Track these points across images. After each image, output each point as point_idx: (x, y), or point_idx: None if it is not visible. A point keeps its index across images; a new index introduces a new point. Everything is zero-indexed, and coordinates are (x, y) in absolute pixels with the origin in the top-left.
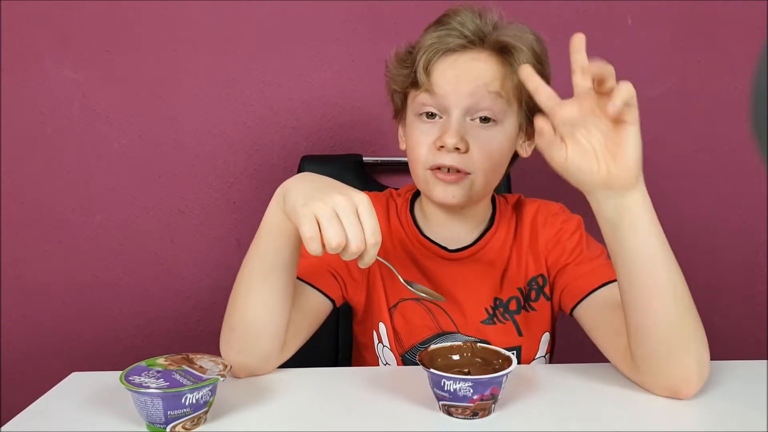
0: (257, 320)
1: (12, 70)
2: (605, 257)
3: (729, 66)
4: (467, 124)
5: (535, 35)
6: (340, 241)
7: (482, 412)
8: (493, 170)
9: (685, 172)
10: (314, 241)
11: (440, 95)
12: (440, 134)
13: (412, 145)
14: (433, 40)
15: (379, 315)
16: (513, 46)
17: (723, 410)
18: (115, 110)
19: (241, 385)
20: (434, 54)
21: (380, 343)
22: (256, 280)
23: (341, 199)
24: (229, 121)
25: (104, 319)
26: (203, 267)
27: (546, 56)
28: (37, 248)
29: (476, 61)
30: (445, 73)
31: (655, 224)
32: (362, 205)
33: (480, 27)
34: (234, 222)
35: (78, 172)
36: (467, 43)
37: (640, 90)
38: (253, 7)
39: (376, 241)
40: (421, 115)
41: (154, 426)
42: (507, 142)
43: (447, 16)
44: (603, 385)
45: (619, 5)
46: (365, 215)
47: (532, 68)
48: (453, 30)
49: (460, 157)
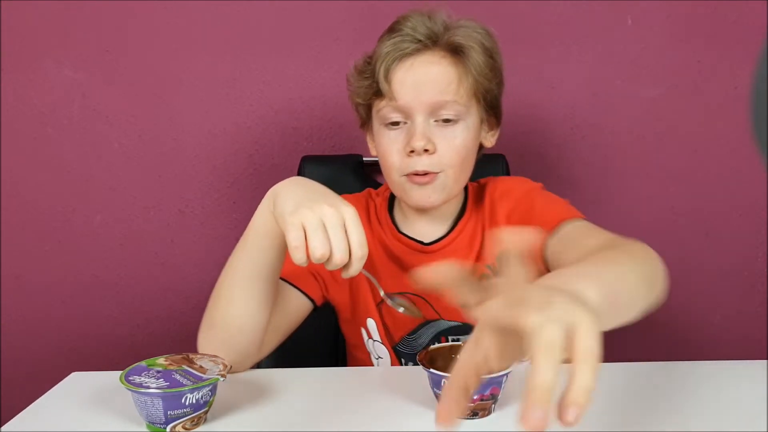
0: (239, 319)
1: (12, 70)
2: (563, 203)
3: (729, 66)
4: (431, 125)
5: (485, 30)
6: (324, 251)
7: (482, 412)
8: (461, 165)
9: (685, 172)
10: (299, 250)
11: (402, 103)
12: (408, 139)
13: (384, 154)
14: (388, 48)
15: (367, 312)
16: (464, 45)
17: (723, 410)
18: (115, 110)
19: (241, 385)
20: (392, 61)
21: (370, 338)
22: (240, 279)
23: (329, 210)
24: (229, 121)
25: (104, 319)
26: (203, 267)
27: (496, 49)
28: (37, 248)
29: (432, 64)
30: (404, 82)
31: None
32: (349, 218)
33: (431, 29)
34: (234, 222)
35: (78, 172)
36: (421, 46)
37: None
38: (253, 7)
39: (362, 255)
40: (387, 125)
41: (154, 426)
42: (471, 137)
43: (398, 23)
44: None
45: (619, 5)
46: (352, 228)
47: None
48: (406, 36)
49: (430, 159)
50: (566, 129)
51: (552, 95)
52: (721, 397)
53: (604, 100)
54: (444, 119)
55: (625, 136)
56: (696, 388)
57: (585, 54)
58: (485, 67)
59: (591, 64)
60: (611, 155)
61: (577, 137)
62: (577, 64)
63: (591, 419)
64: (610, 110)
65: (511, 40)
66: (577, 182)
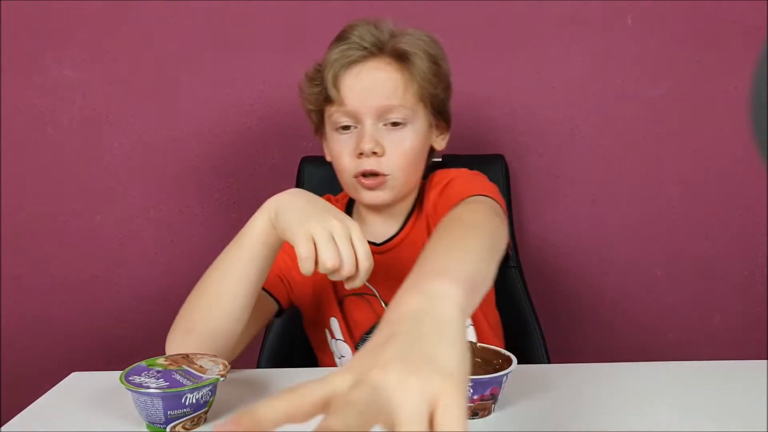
0: (222, 324)
1: (12, 70)
2: (478, 185)
3: (729, 66)
4: (380, 129)
5: (430, 38)
6: (335, 262)
7: (482, 412)
8: (410, 168)
9: (685, 172)
10: (309, 260)
11: (351, 108)
12: (358, 142)
13: (335, 157)
14: (336, 56)
15: (329, 311)
16: (409, 52)
17: (723, 410)
18: (115, 110)
19: (241, 385)
20: (339, 68)
21: (333, 338)
22: (229, 285)
23: (337, 223)
24: (229, 121)
25: (104, 319)
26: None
27: (442, 56)
28: (37, 248)
29: (378, 70)
30: (352, 88)
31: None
32: (355, 232)
33: (377, 37)
34: (234, 222)
35: (78, 172)
36: (368, 53)
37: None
38: (253, 7)
39: (369, 266)
40: (338, 129)
41: (154, 426)
42: (419, 140)
43: (346, 32)
44: (603, 385)
45: (619, 5)
46: (358, 241)
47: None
48: (353, 44)
49: (378, 161)
50: (566, 129)
51: (552, 95)
52: (721, 397)
53: (604, 100)
54: (392, 122)
55: (625, 136)
56: (696, 388)
57: (585, 54)
58: (429, 72)
59: (591, 64)
60: (611, 155)
61: (577, 137)
62: (577, 64)
63: (591, 419)
64: (610, 110)
65: (512, 40)
66: (577, 182)
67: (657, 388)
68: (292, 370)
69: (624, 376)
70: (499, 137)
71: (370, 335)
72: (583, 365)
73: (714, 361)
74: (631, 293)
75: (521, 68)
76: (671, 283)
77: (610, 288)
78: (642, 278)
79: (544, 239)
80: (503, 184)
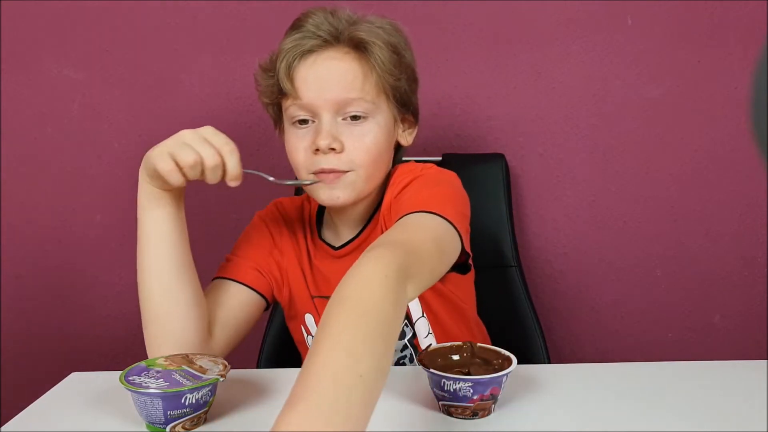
0: (161, 306)
1: (12, 70)
2: (429, 196)
3: (729, 66)
4: (339, 123)
5: (391, 26)
6: (195, 158)
7: (482, 412)
8: (372, 164)
9: (685, 172)
10: (172, 172)
11: (306, 102)
12: (314, 137)
13: (290, 152)
14: (289, 45)
15: (304, 307)
16: (367, 41)
17: (723, 410)
18: (115, 110)
19: (241, 385)
20: (293, 58)
21: (309, 335)
22: (147, 264)
23: (187, 131)
24: (229, 121)
25: (104, 319)
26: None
27: (404, 44)
28: (37, 248)
29: (334, 60)
30: (306, 79)
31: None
32: (207, 131)
33: (334, 25)
34: (234, 222)
35: (78, 172)
36: (323, 42)
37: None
38: (254, 7)
39: (230, 150)
40: (295, 123)
41: (154, 426)
42: (382, 134)
43: (300, 20)
44: (603, 385)
45: (619, 5)
46: (212, 136)
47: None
48: (308, 32)
49: (337, 158)
50: (566, 129)
51: (552, 95)
52: (721, 397)
53: (604, 100)
54: (351, 116)
55: (625, 136)
56: (696, 388)
57: (585, 54)
58: (389, 63)
59: (591, 64)
60: (611, 155)
61: (577, 137)
62: (577, 64)
63: (591, 419)
64: (610, 110)
65: (512, 40)
66: (577, 182)
67: (657, 388)
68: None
69: (624, 376)
70: (499, 137)
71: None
72: (583, 365)
73: (714, 361)
74: (631, 293)
75: (521, 68)
76: (671, 283)
77: (610, 288)
78: (642, 278)
79: (544, 239)
80: (503, 184)
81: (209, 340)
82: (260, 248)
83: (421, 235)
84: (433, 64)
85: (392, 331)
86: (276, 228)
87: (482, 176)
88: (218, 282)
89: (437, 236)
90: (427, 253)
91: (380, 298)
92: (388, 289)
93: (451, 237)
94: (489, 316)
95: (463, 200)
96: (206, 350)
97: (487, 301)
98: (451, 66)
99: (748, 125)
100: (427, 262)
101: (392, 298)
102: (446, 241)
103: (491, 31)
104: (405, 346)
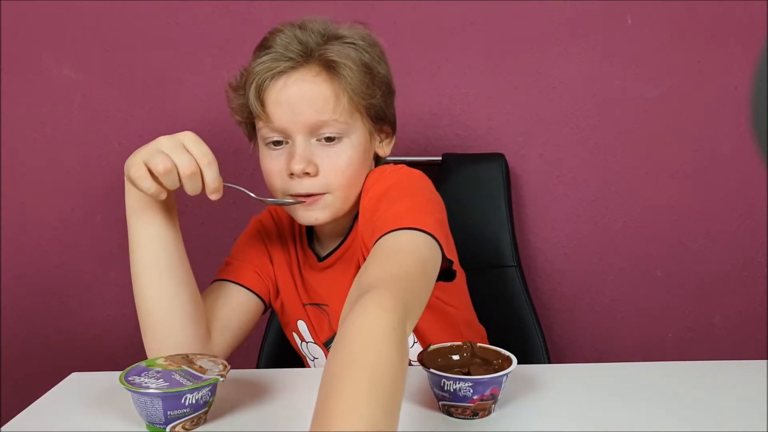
0: (156, 307)
1: (12, 70)
2: (404, 209)
3: (729, 66)
4: (313, 145)
5: (364, 40)
6: (166, 165)
7: (482, 412)
8: (347, 186)
9: (685, 172)
10: (142, 178)
11: (279, 125)
12: (288, 161)
13: (266, 175)
14: (259, 67)
15: (295, 314)
16: (337, 63)
17: (723, 410)
18: (115, 110)
19: (241, 385)
20: (262, 81)
21: (303, 341)
22: (138, 269)
23: (164, 139)
24: (229, 121)
25: (104, 319)
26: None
27: (377, 58)
28: (37, 248)
29: (305, 82)
30: (278, 102)
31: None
32: (187, 139)
33: (304, 42)
34: (234, 222)
35: (78, 172)
36: (293, 63)
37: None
38: (253, 7)
39: (208, 162)
40: (268, 144)
41: (154, 426)
42: (357, 153)
43: (268, 39)
44: (603, 385)
45: (619, 5)
46: (191, 144)
47: None
48: (276, 53)
49: (312, 182)
50: (566, 129)
51: (552, 95)
52: (721, 397)
53: (604, 100)
54: (326, 138)
55: (625, 136)
56: (696, 388)
57: (585, 54)
58: (361, 84)
59: (591, 64)
60: (611, 155)
61: (577, 137)
62: (577, 64)
63: (591, 419)
64: (610, 110)
65: (512, 40)
66: (577, 182)
67: (657, 388)
68: (292, 370)
69: (624, 376)
70: (499, 137)
71: (329, 346)
72: (583, 365)
73: (714, 361)
74: (631, 293)
75: (521, 68)
76: (671, 283)
77: (610, 288)
78: (642, 278)
79: (544, 239)
80: (503, 184)
81: (208, 343)
82: (258, 251)
83: (409, 261)
84: (433, 64)
85: (402, 382)
86: (269, 235)
87: (482, 176)
88: (218, 284)
89: (422, 259)
90: (418, 284)
91: (390, 356)
92: (395, 342)
93: (433, 253)
94: (489, 316)
95: (439, 205)
96: (206, 352)
97: (487, 301)
98: (452, 66)
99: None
100: (418, 293)
101: (399, 350)
102: (430, 260)
103: (491, 31)
104: None
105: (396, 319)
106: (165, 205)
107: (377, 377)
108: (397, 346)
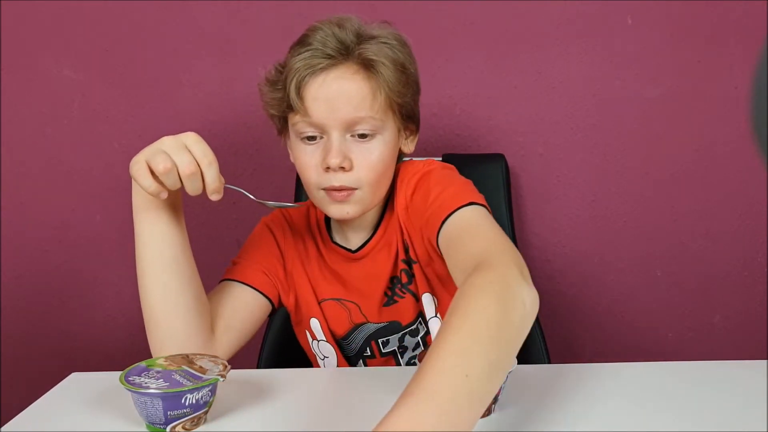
0: (159, 304)
1: (12, 70)
2: (459, 186)
3: (729, 66)
4: (348, 141)
5: (397, 40)
6: (166, 165)
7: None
8: (378, 181)
9: (685, 172)
10: (144, 177)
11: (316, 120)
12: (324, 155)
13: (301, 168)
14: (299, 64)
15: (309, 312)
16: (375, 61)
17: (723, 410)
18: (115, 110)
19: (241, 385)
20: (302, 78)
21: (315, 339)
22: (143, 267)
23: (167, 139)
24: (229, 121)
25: (104, 319)
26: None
27: (409, 59)
28: (37, 248)
29: (344, 80)
30: (317, 98)
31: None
32: (189, 139)
33: (342, 40)
34: (234, 222)
35: (78, 172)
36: (332, 61)
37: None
38: (254, 8)
39: (209, 162)
40: (303, 139)
41: (154, 426)
42: (388, 150)
43: (307, 35)
44: (603, 385)
45: (619, 5)
46: (193, 144)
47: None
48: (316, 50)
49: (346, 176)
50: (566, 129)
51: (552, 95)
52: (721, 397)
53: (604, 100)
54: (360, 134)
55: (625, 136)
56: (696, 388)
57: (585, 54)
58: (397, 82)
59: (591, 64)
60: (611, 155)
61: (577, 137)
62: (577, 64)
63: (592, 419)
64: (610, 110)
65: (512, 40)
66: (577, 182)
67: (657, 388)
68: (292, 370)
69: (624, 376)
70: (499, 137)
71: (346, 341)
72: (583, 365)
73: (714, 361)
74: (631, 293)
75: (521, 68)
76: (671, 283)
77: (610, 288)
78: (642, 278)
79: (544, 239)
80: (503, 184)
81: (211, 341)
82: (267, 252)
83: (492, 232)
84: (433, 64)
85: (504, 334)
86: (281, 233)
87: (482, 176)
88: (224, 284)
89: (493, 223)
90: (508, 243)
91: (487, 305)
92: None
93: (492, 219)
94: None
95: (475, 188)
96: (209, 352)
97: None
98: (452, 66)
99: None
100: (512, 249)
101: (501, 305)
102: (496, 224)
103: (491, 31)
104: (417, 344)
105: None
106: (171, 204)
107: (474, 320)
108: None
